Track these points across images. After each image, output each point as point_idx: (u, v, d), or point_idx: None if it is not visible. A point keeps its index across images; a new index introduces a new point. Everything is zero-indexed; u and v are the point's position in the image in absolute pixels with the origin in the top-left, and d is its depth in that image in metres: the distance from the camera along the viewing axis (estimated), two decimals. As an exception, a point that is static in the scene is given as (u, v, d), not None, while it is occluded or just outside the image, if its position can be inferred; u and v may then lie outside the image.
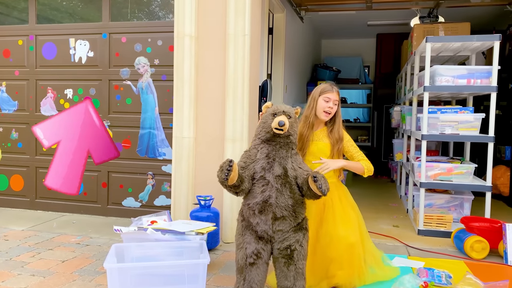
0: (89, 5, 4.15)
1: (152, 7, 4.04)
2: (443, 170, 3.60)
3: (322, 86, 2.58)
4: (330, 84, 2.59)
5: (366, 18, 6.87)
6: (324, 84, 2.60)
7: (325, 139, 2.56)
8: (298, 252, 2.14)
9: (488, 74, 3.49)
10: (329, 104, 2.51)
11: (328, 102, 2.51)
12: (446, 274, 2.56)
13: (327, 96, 2.51)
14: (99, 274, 2.65)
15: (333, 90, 2.53)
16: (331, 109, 2.51)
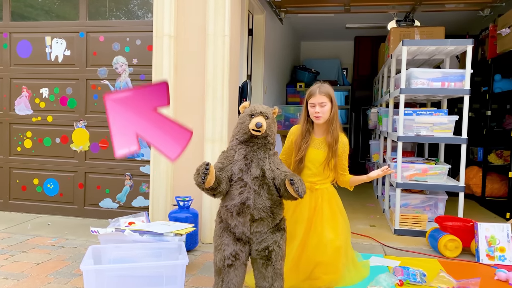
0: (66, 3, 4.08)
1: (130, 5, 4.00)
2: (418, 171, 3.68)
3: (308, 90, 2.51)
4: (317, 86, 2.50)
5: (345, 21, 6.96)
6: (312, 86, 2.52)
7: (323, 147, 2.52)
8: (276, 253, 2.15)
9: (461, 78, 3.59)
10: (316, 109, 2.45)
11: (314, 107, 2.46)
12: (420, 272, 2.62)
13: (311, 102, 2.48)
14: (75, 276, 2.61)
15: (316, 93, 2.45)
16: (318, 113, 2.45)
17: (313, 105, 2.47)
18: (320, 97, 2.45)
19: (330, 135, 2.49)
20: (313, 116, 2.49)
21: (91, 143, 3.98)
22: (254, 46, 5.45)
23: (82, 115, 3.98)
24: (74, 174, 4.03)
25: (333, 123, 2.49)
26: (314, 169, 2.53)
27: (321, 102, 2.45)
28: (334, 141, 2.47)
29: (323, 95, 2.45)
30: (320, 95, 2.45)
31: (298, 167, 2.52)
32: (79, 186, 4.02)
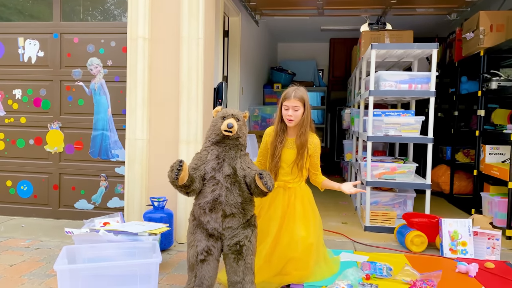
0: (40, 2, 4.06)
1: (107, 5, 4.00)
2: (387, 170, 3.82)
3: (284, 92, 2.58)
4: (293, 89, 2.56)
5: (320, 23, 7.11)
6: (288, 88, 2.59)
7: (291, 144, 2.61)
8: (247, 248, 2.23)
9: (427, 80, 3.74)
10: (289, 112, 2.53)
11: (287, 110, 2.54)
12: (387, 266, 2.74)
13: (285, 104, 2.55)
14: (49, 277, 2.63)
15: (291, 96, 2.52)
16: (291, 116, 2.53)
17: (287, 107, 2.56)
18: (295, 101, 2.53)
19: (299, 139, 2.58)
20: (285, 118, 2.58)
21: (66, 145, 3.97)
22: (230, 48, 5.52)
23: (56, 117, 3.98)
24: (49, 175, 4.01)
25: (303, 127, 2.58)
26: (287, 168, 2.62)
27: (295, 106, 2.54)
28: (301, 145, 2.57)
29: (298, 99, 2.53)
30: (294, 99, 2.53)
31: (275, 166, 2.61)
32: (53, 188, 4.01)
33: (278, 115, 2.63)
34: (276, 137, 2.62)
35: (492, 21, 4.22)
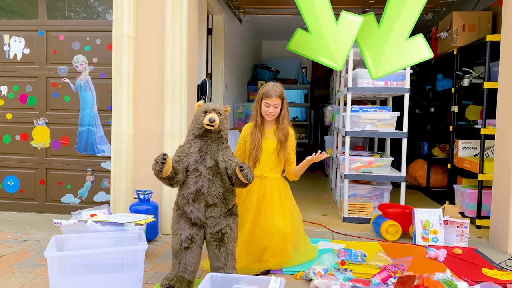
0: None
1: (90, 1, 4.06)
2: (364, 163, 3.99)
3: (264, 89, 2.74)
4: (272, 86, 2.72)
5: (303, 22, 7.24)
6: (267, 86, 2.75)
7: (273, 137, 2.79)
8: (229, 235, 2.37)
9: (402, 77, 3.91)
10: (269, 109, 2.72)
11: (268, 107, 2.72)
12: (361, 253, 2.90)
13: (266, 101, 2.72)
14: (39, 266, 2.73)
15: (273, 94, 2.69)
16: (271, 113, 2.73)
17: (268, 105, 2.73)
18: (276, 99, 2.72)
19: (281, 132, 2.78)
20: (266, 114, 2.74)
21: (52, 140, 4.05)
22: (214, 45, 5.63)
23: (42, 113, 4.05)
24: (35, 170, 4.08)
25: (284, 121, 2.76)
26: (265, 158, 2.77)
27: (276, 103, 2.73)
28: (284, 138, 2.76)
29: (278, 97, 2.73)
30: (275, 98, 2.72)
31: (256, 157, 2.75)
32: (40, 183, 4.08)
33: (257, 109, 2.78)
34: (255, 130, 2.77)
35: (465, 21, 4.41)
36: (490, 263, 2.94)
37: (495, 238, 3.44)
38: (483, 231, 3.76)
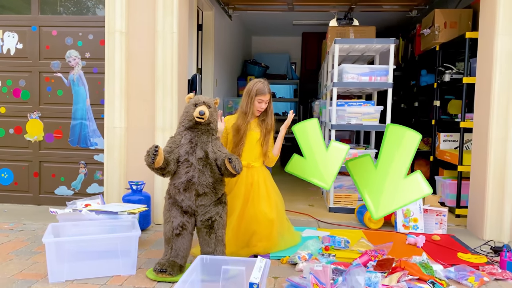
0: (17, -3, 4.18)
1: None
2: (349, 155, 4.14)
3: (258, 87, 2.90)
4: (263, 83, 2.91)
5: (292, 18, 7.38)
6: (259, 83, 2.92)
7: (257, 128, 2.97)
8: (218, 223, 2.50)
9: (386, 72, 4.07)
10: (262, 105, 2.92)
11: (261, 103, 2.92)
12: (345, 240, 3.06)
13: (260, 98, 2.91)
14: (35, 254, 2.84)
15: (266, 92, 2.90)
16: (263, 108, 2.94)
17: (261, 101, 2.91)
18: (268, 95, 2.94)
19: (267, 125, 2.96)
20: (258, 109, 2.94)
21: (46, 133, 4.13)
22: (204, 41, 5.73)
23: (36, 107, 4.13)
24: (29, 163, 4.17)
25: (270, 114, 2.98)
26: (250, 149, 2.93)
27: (267, 99, 2.94)
28: (268, 131, 2.95)
29: (269, 93, 2.95)
30: (268, 94, 2.93)
31: (241, 147, 2.90)
32: (34, 175, 4.17)
33: (248, 106, 2.91)
34: (245, 124, 2.91)
35: (446, 18, 4.58)
36: (465, 248, 3.11)
37: (472, 226, 3.62)
38: (462, 219, 3.94)
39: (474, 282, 2.45)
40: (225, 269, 2.19)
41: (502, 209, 3.35)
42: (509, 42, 3.29)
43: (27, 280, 2.42)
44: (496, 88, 3.33)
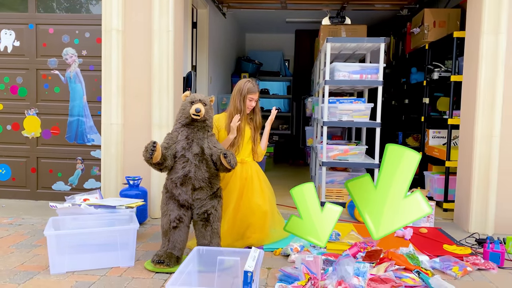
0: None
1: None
2: (340, 151, 4.26)
3: (248, 86, 3.06)
4: (252, 83, 3.08)
5: (285, 15, 7.46)
6: (248, 83, 3.08)
7: (247, 126, 3.13)
8: (214, 216, 2.61)
9: (376, 71, 4.18)
10: (252, 103, 3.10)
11: (252, 101, 3.09)
12: (336, 232, 3.17)
13: (251, 96, 3.08)
14: (36, 247, 2.92)
15: (255, 91, 3.09)
16: (253, 106, 3.12)
17: (251, 99, 3.08)
18: (258, 94, 3.12)
19: (256, 122, 3.15)
20: (249, 107, 3.09)
21: (43, 130, 4.20)
22: (198, 39, 5.81)
23: (33, 103, 4.19)
24: (26, 159, 4.24)
25: (258, 113, 3.16)
26: (244, 145, 3.06)
27: (257, 98, 3.12)
28: (257, 128, 3.13)
29: (258, 92, 3.13)
30: (257, 93, 3.11)
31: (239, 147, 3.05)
32: (31, 171, 4.24)
33: (240, 104, 3.02)
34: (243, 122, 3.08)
35: (435, 17, 4.69)
36: (451, 240, 3.24)
37: (458, 219, 3.76)
38: (449, 213, 4.07)
39: (458, 272, 2.58)
40: (221, 260, 2.28)
41: (487, 203, 3.48)
42: (495, 41, 3.41)
43: (29, 271, 2.50)
44: (482, 86, 3.45)
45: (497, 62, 3.40)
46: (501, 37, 3.39)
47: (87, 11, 4.22)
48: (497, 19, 3.39)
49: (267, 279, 2.46)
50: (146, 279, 2.44)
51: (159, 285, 2.36)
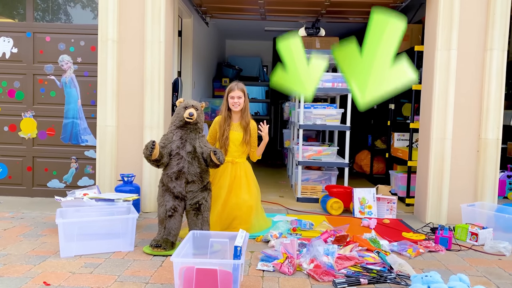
0: (12, 4, 4.51)
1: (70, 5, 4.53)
2: (314, 152, 4.71)
3: (229, 87, 3.46)
4: (235, 83, 3.47)
5: (264, 24, 7.90)
6: (231, 84, 3.47)
7: (239, 130, 3.47)
8: (204, 206, 3.00)
9: (347, 79, 4.64)
10: (234, 100, 3.43)
11: (233, 98, 3.43)
12: (309, 222, 3.61)
13: (231, 94, 3.44)
14: (42, 236, 3.24)
15: (235, 88, 3.42)
16: (236, 103, 3.43)
17: (232, 97, 3.41)
18: (238, 92, 3.43)
19: (244, 120, 3.48)
20: (231, 105, 3.41)
21: (39, 131, 4.49)
22: (183, 46, 6.18)
23: (29, 106, 4.48)
24: (23, 158, 4.52)
25: (246, 111, 3.46)
26: (234, 147, 3.43)
27: (239, 95, 3.43)
28: (246, 124, 3.47)
29: (240, 90, 3.44)
30: (238, 91, 3.43)
31: (224, 144, 3.41)
32: (27, 169, 4.52)
33: (224, 105, 3.45)
34: (224, 122, 3.43)
35: (400, 32, 5.20)
36: (409, 229, 3.72)
37: (417, 212, 4.25)
38: (411, 208, 4.57)
39: (412, 253, 3.04)
40: (211, 243, 2.67)
41: (441, 197, 3.98)
42: (447, 56, 3.92)
43: (40, 255, 2.83)
44: (436, 94, 3.96)
45: (449, 74, 3.91)
46: (453, 53, 3.91)
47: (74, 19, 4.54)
48: (449, 36, 3.91)
49: (251, 260, 2.86)
50: (145, 260, 2.81)
51: (158, 265, 2.73)
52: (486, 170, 3.94)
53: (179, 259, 2.21)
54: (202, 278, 2.15)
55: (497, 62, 3.88)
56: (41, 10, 4.51)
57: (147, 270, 2.63)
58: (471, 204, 3.79)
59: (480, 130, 3.96)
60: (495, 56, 3.88)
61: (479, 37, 3.93)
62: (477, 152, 3.98)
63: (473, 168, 3.99)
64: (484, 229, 3.37)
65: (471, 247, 3.30)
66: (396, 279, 2.56)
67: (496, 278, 2.70)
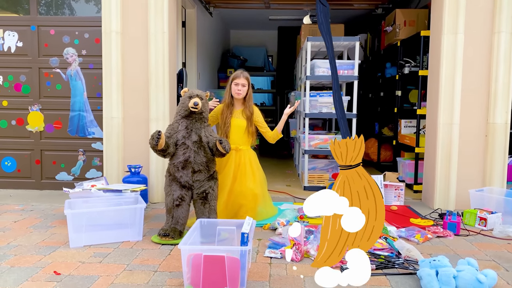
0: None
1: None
2: (321, 140, 4.69)
3: (234, 74, 3.46)
4: (240, 71, 3.46)
5: (268, 13, 7.85)
6: (236, 72, 3.47)
7: (242, 117, 3.46)
8: (211, 195, 3.01)
9: (352, 66, 4.61)
10: (238, 88, 3.42)
11: (237, 85, 3.41)
12: (317, 210, 3.60)
13: (235, 81, 3.42)
14: (51, 227, 3.27)
15: (241, 76, 3.41)
16: (240, 90, 3.41)
17: (237, 84, 3.42)
18: (243, 79, 3.43)
19: (248, 109, 3.47)
20: (235, 92, 3.42)
21: (46, 124, 4.52)
22: (187, 37, 6.17)
23: (36, 100, 4.51)
24: (31, 152, 4.56)
25: (250, 100, 3.45)
26: (238, 134, 3.42)
27: (243, 83, 3.43)
28: (250, 114, 3.44)
29: (245, 78, 3.44)
30: (242, 78, 3.43)
31: (226, 130, 3.41)
32: (36, 162, 4.56)
33: (228, 92, 3.44)
34: (226, 109, 3.43)
35: (406, 17, 5.15)
36: (417, 215, 3.70)
37: (425, 198, 4.23)
38: (419, 194, 4.55)
39: (420, 239, 3.03)
40: (218, 232, 2.68)
41: (449, 183, 3.96)
42: (454, 40, 3.87)
43: (50, 246, 2.86)
44: (443, 80, 3.91)
45: (456, 58, 3.86)
46: (459, 37, 3.85)
47: (83, 13, 4.54)
48: (455, 20, 3.85)
49: (259, 247, 2.87)
50: (154, 249, 2.83)
51: (166, 254, 2.75)
52: (495, 155, 3.91)
53: (186, 246, 2.22)
54: (210, 265, 2.16)
55: (505, 45, 3.82)
56: (45, 5, 4.51)
57: (156, 259, 2.65)
58: (480, 189, 3.76)
59: (488, 114, 3.91)
60: (503, 39, 3.82)
61: (486, 20, 3.87)
62: (485, 137, 3.94)
63: (481, 153, 3.96)
64: (493, 214, 3.35)
65: (480, 232, 3.28)
66: (404, 264, 2.56)
67: (505, 262, 2.68)
